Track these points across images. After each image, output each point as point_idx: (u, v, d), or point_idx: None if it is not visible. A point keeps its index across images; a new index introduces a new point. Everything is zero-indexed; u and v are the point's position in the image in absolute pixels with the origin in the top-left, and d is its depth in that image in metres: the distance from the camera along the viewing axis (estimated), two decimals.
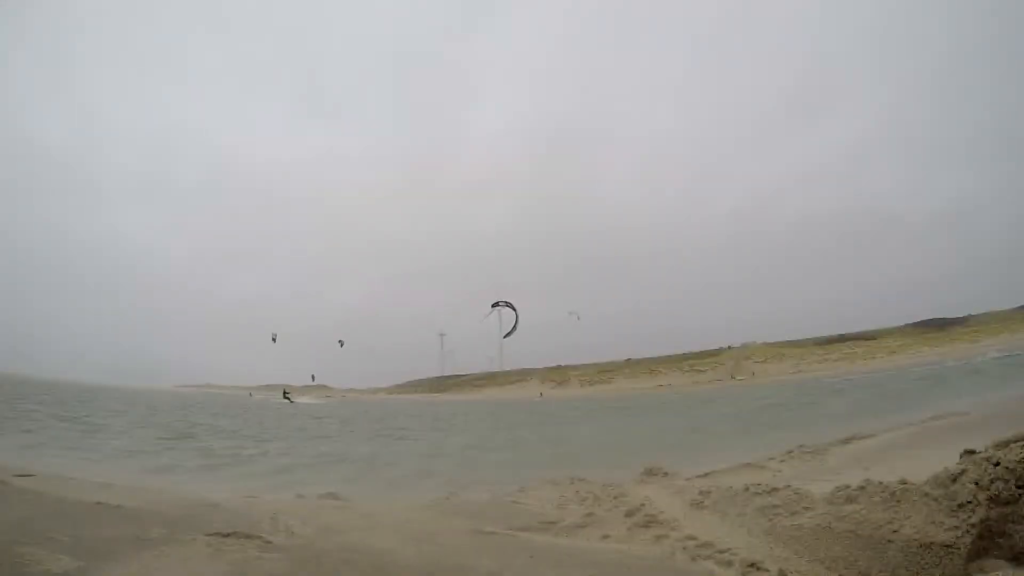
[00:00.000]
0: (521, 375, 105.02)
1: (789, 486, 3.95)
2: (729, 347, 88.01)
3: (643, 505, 4.51)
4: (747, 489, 4.09)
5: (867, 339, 78.42)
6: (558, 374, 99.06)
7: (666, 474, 6.88)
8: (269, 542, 3.38)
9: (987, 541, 2.78)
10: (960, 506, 2.75)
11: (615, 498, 5.29)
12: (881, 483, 3.15)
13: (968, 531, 2.67)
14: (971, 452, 3.08)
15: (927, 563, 2.66)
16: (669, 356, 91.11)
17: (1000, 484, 2.77)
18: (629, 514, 4.29)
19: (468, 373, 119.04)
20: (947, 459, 3.29)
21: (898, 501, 2.95)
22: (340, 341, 67.21)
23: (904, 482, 3.07)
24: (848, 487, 3.30)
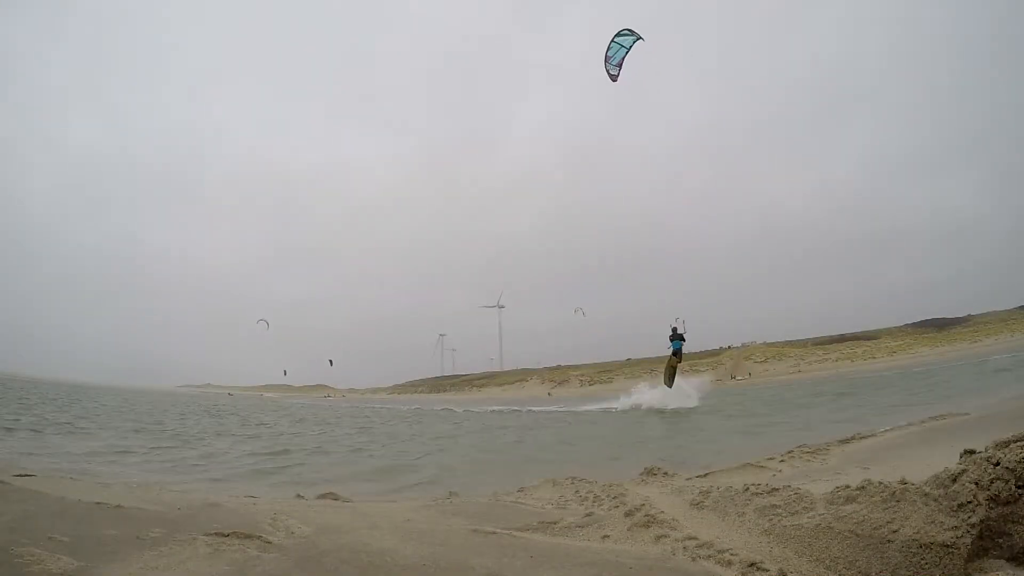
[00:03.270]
0: (521, 375, 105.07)
1: (789, 486, 3.94)
2: (729, 347, 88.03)
3: (643, 505, 4.50)
4: (747, 489, 4.08)
5: (867, 339, 78.38)
6: (558, 374, 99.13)
7: (666, 474, 6.88)
8: (269, 542, 3.38)
9: (987, 541, 2.78)
10: (960, 506, 2.75)
11: (615, 498, 5.28)
12: (881, 483, 3.14)
13: (968, 531, 2.67)
14: (971, 452, 3.08)
15: (927, 563, 2.66)
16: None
17: (1000, 484, 2.77)
18: (629, 514, 4.28)
19: (468, 373, 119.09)
20: (947, 459, 3.29)
21: (898, 501, 2.94)
22: (330, 360, 66.18)
23: (904, 482, 3.06)
24: (848, 487, 3.30)
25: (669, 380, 26.10)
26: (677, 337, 25.80)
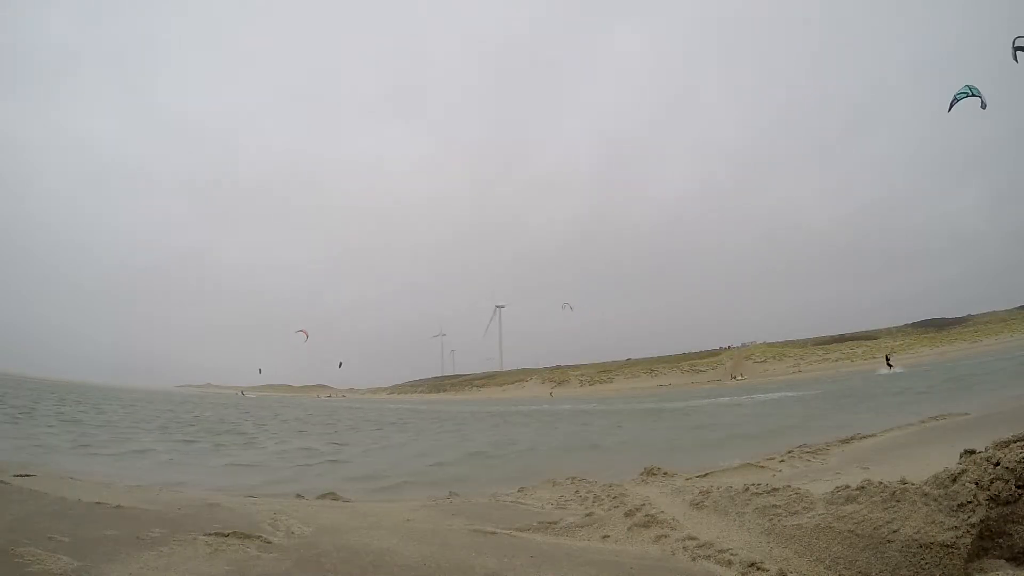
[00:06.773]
0: (521, 375, 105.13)
1: (789, 486, 3.94)
2: (729, 347, 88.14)
3: (643, 505, 4.50)
4: (747, 489, 4.08)
5: (867, 339, 78.39)
6: (558, 374, 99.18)
7: (666, 474, 6.88)
8: (269, 542, 3.38)
9: (987, 541, 2.78)
10: (960, 506, 2.75)
11: (615, 498, 5.29)
12: (881, 483, 3.14)
13: (968, 531, 2.67)
14: (971, 452, 3.08)
15: (927, 563, 2.66)
16: (669, 356, 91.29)
17: (1000, 484, 2.77)
18: (629, 514, 4.28)
19: (468, 373, 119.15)
20: (947, 459, 3.29)
21: (898, 501, 2.94)
22: (339, 363, 65.59)
23: (904, 482, 3.06)
24: (848, 487, 3.30)
25: None
26: None
